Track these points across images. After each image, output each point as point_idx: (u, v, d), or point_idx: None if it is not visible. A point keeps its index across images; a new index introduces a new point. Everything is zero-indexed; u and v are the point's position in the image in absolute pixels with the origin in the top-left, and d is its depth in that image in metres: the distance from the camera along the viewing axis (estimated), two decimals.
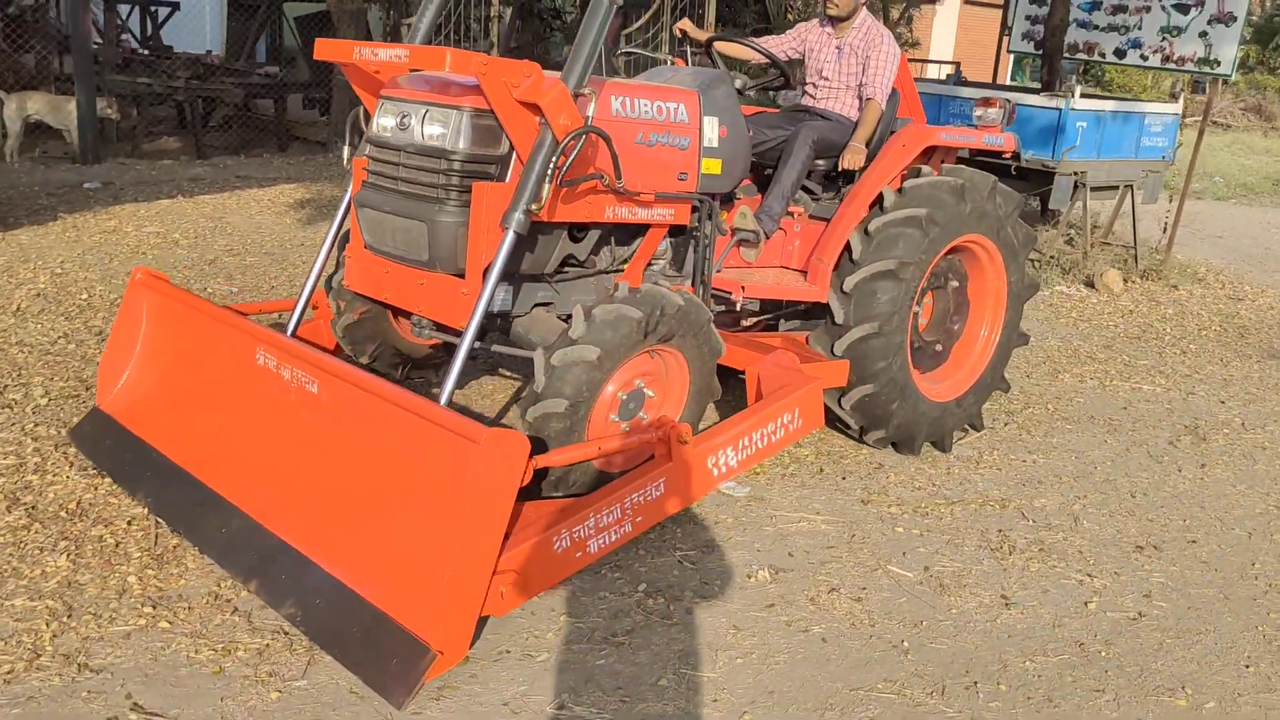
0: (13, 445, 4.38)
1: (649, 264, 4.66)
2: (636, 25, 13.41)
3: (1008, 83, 18.28)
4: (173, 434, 4.10)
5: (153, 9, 13.26)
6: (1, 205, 8.51)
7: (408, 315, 4.52)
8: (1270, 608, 4.03)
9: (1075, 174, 9.46)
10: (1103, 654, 3.60)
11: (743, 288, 4.69)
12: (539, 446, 3.62)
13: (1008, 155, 5.49)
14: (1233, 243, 12.67)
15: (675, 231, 4.63)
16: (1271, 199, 17.35)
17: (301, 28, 13.05)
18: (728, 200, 4.93)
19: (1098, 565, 4.24)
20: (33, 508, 3.91)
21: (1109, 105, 9.78)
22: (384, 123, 4.10)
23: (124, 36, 12.71)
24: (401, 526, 3.21)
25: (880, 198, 4.88)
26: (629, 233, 4.53)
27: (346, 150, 4.51)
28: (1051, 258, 9.80)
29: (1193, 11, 10.28)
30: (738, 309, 4.83)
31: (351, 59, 4.04)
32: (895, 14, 13.40)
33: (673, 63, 6.18)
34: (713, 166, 4.52)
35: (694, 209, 4.50)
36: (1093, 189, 9.69)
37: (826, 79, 5.35)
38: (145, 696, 2.95)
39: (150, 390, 4.33)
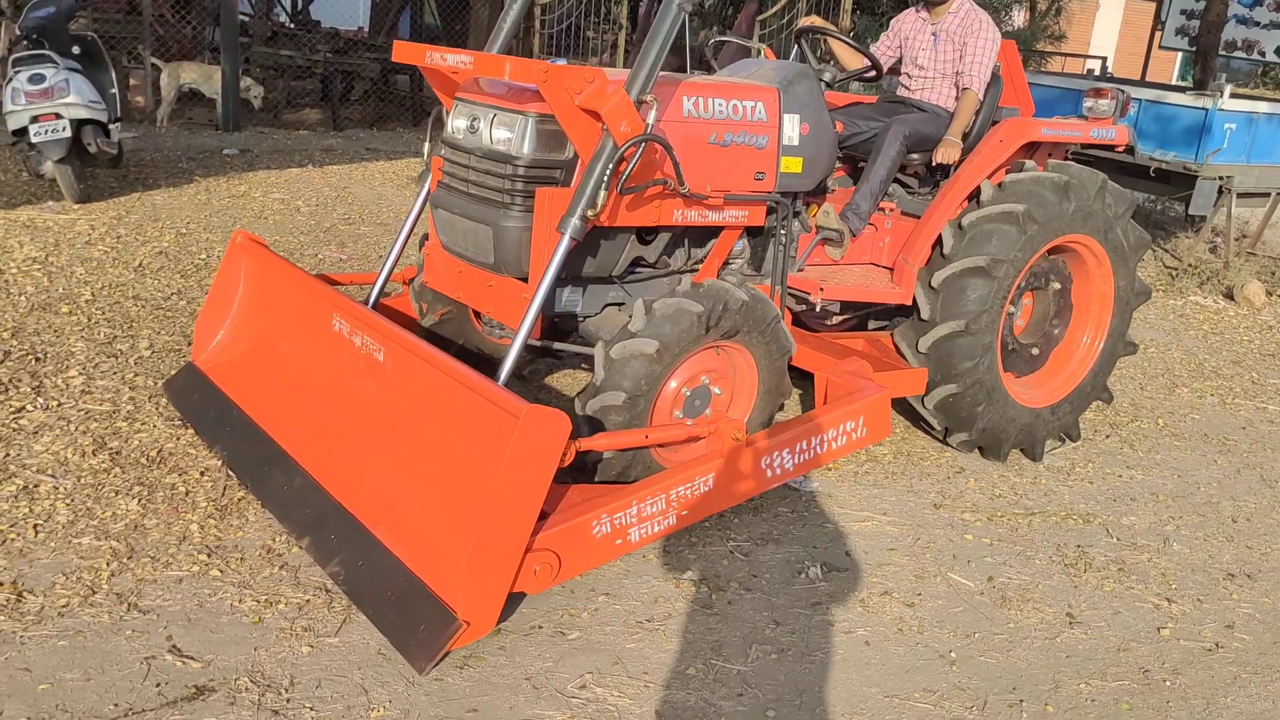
0: (110, 393, 4.60)
1: (726, 263, 4.58)
2: (772, 10, 13.26)
3: (1171, 81, 17.42)
4: (254, 392, 4.24)
5: None
6: (145, 167, 8.94)
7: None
8: None
9: (1220, 178, 8.94)
10: (1168, 683, 3.40)
11: (821, 288, 4.57)
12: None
13: (1120, 149, 5.21)
14: None
15: (755, 230, 4.55)
16: None
17: (441, 6, 13.31)
18: (818, 194, 4.82)
19: (1180, 590, 4.00)
20: (117, 452, 4.09)
21: (1263, 107, 9.20)
22: (457, 124, 4.15)
23: (275, 10, 13.17)
24: (444, 496, 3.24)
25: (977, 192, 4.70)
26: (704, 233, 4.46)
27: (427, 147, 4.59)
28: (1190, 266, 9.30)
29: None
30: (817, 310, 4.71)
31: (423, 62, 4.11)
32: (1043, 5, 12.89)
33: (763, 54, 6.07)
34: (793, 165, 4.41)
35: (770, 209, 4.41)
36: (1240, 195, 9.15)
37: (921, 67, 5.15)
38: (184, 639, 3.05)
39: (241, 350, 4.49)
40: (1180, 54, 24.22)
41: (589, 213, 3.68)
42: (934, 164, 4.87)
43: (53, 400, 4.45)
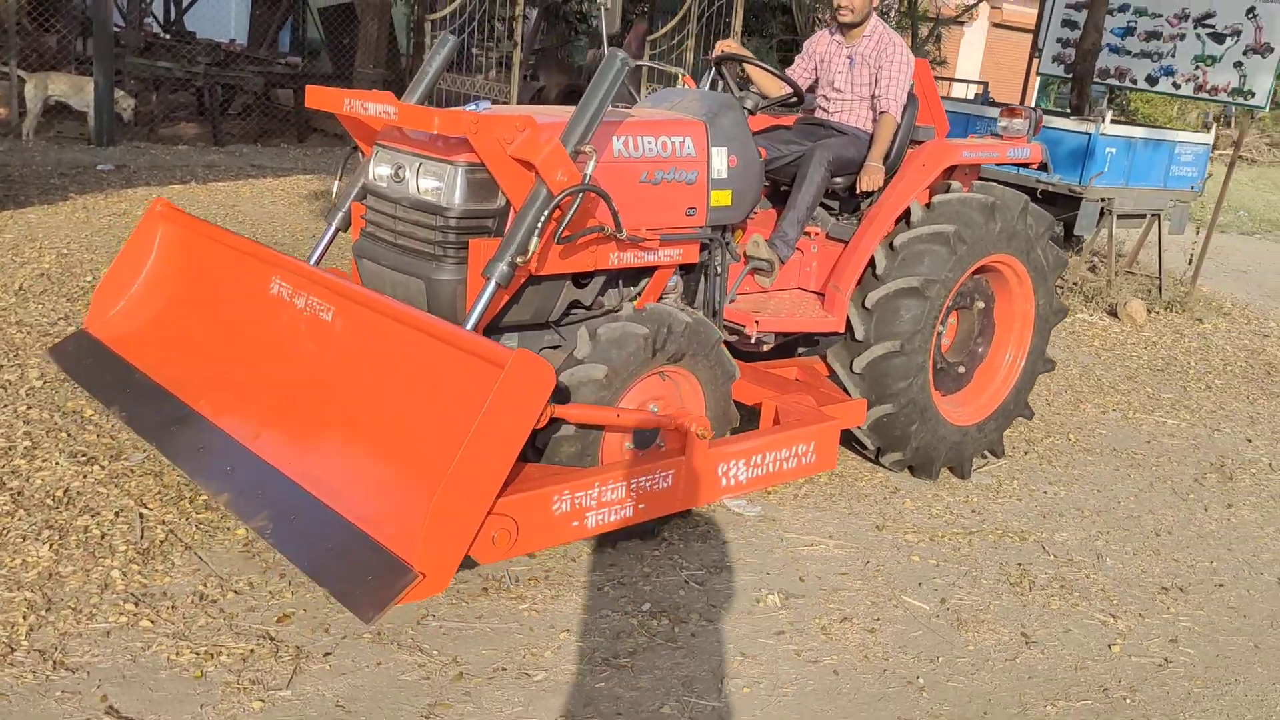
0: (3, 428, 4.25)
1: (659, 299, 4.50)
2: (662, 32, 13.29)
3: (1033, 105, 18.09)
4: (160, 358, 4.01)
5: None
6: (14, 183, 8.39)
7: None
8: None
9: (1102, 200, 9.30)
10: (1128, 701, 3.43)
11: (756, 321, 4.52)
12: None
13: (1035, 166, 5.32)
14: (1258, 278, 12.47)
15: (688, 265, 4.48)
16: None
17: (326, 20, 12.95)
18: (743, 222, 4.78)
19: (1121, 606, 4.07)
20: (19, 493, 3.77)
21: (1140, 132, 9.61)
22: (379, 172, 4.00)
23: (147, 20, 12.61)
24: (396, 448, 3.09)
25: (906, 213, 4.72)
26: (636, 272, 4.38)
27: (336, 185, 4.45)
28: (1074, 284, 9.63)
29: (1228, 41, 10.12)
30: (752, 341, 4.66)
31: (341, 110, 3.95)
32: (925, 31, 13.25)
33: (683, 81, 6.03)
34: (723, 198, 4.37)
35: (704, 245, 4.35)
36: (1119, 216, 9.52)
37: (839, 90, 5.16)
38: (122, 699, 2.80)
39: (145, 318, 4.25)
40: (1038, 80, 25.36)
41: (518, 259, 3.58)
42: (858, 190, 4.87)
43: None
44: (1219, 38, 10.16)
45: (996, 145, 5.10)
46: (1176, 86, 10.55)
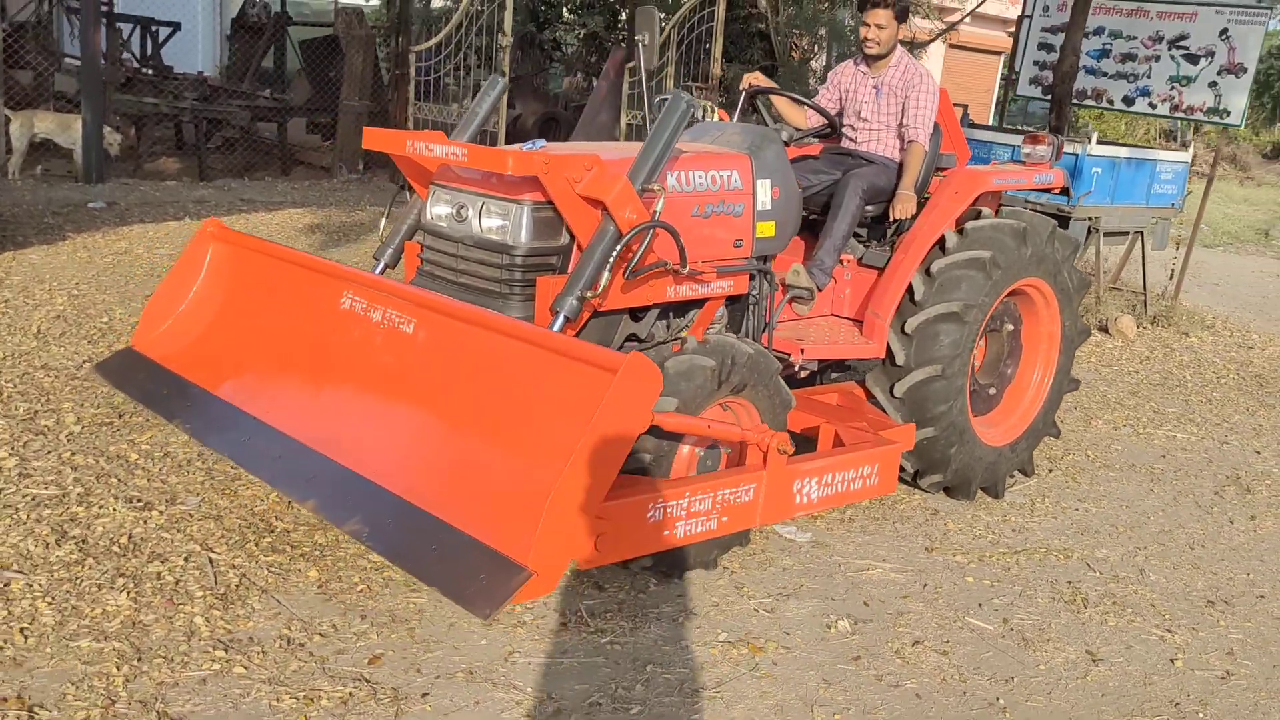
0: (52, 474, 4.20)
1: (705, 331, 4.56)
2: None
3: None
4: (218, 373, 4.04)
5: (153, 28, 13.10)
6: (8, 223, 8.29)
7: None
8: None
9: (1090, 219, 9.48)
10: (1200, 715, 3.51)
11: (802, 350, 4.60)
12: None
13: (1058, 190, 5.45)
14: (1230, 290, 12.77)
15: (734, 295, 4.55)
16: (1257, 247, 17.56)
17: (307, 52, 12.92)
18: None
19: (1174, 620, 4.15)
20: (83, 541, 3.73)
21: (1124, 152, 9.82)
22: (438, 211, 4.05)
23: (125, 56, 12.52)
24: (498, 453, 3.13)
25: (942, 240, 4.81)
26: (685, 304, 4.44)
27: (384, 222, 4.49)
28: None
29: (1202, 62, 10.37)
30: (795, 369, 4.72)
31: (403, 152, 4.00)
32: None
33: (715, 115, 6.11)
34: (767, 229, 4.46)
35: (752, 275, 4.42)
36: (1105, 234, 9.71)
37: (866, 120, 5.25)
38: None
39: (198, 336, 4.29)
40: (994, 100, 25.80)
41: (587, 294, 3.64)
42: (891, 219, 4.95)
43: None
44: (1193, 59, 10.41)
45: (1023, 172, 5.23)
46: (1153, 106, 10.79)
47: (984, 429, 5.11)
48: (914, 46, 14.14)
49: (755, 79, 5.24)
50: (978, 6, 14.39)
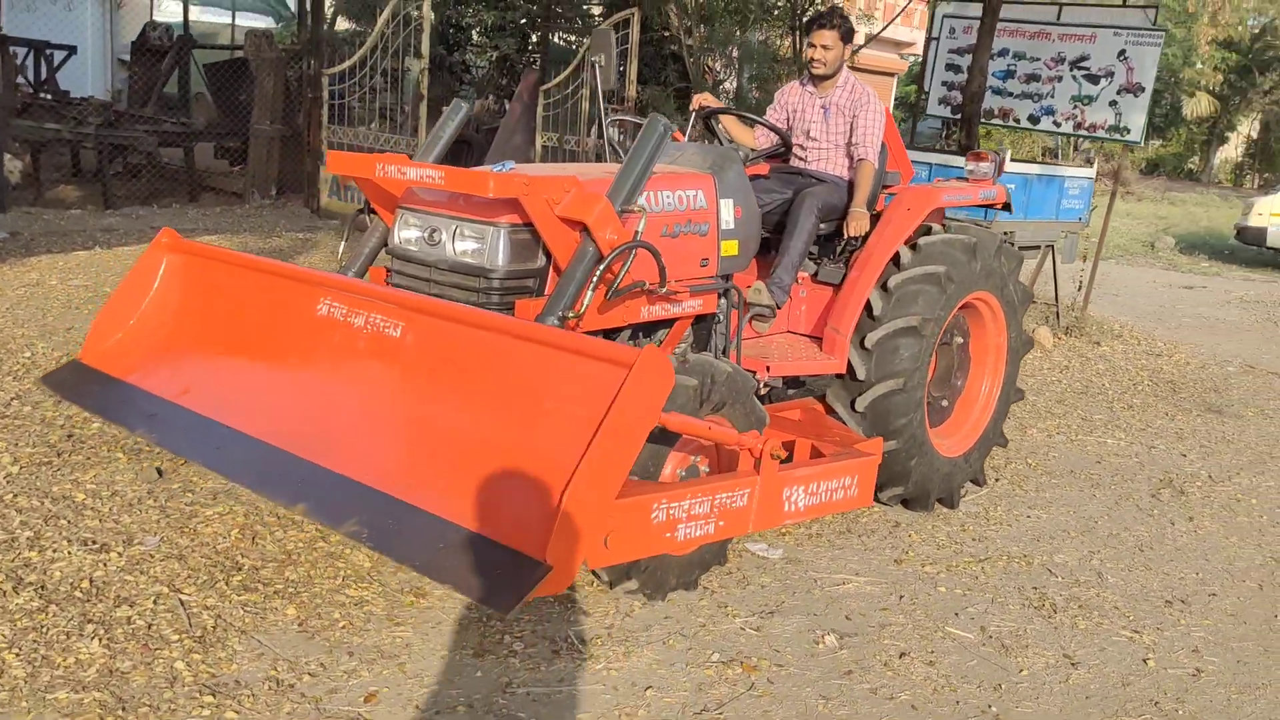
0: None
1: (673, 351, 4.56)
2: (555, 81, 13.41)
3: None
4: (186, 383, 3.95)
5: (48, 53, 12.62)
6: None
7: None
8: None
9: (1005, 234, 9.75)
10: (1180, 712, 3.61)
11: (767, 367, 4.63)
12: None
13: (1000, 206, 5.60)
14: (1129, 300, 13.27)
15: (699, 316, 4.56)
16: (1145, 258, 18.33)
17: (212, 75, 12.59)
18: None
19: (1138, 621, 4.27)
20: (41, 587, 3.54)
21: (1034, 169, 10.14)
22: (407, 235, 4.01)
23: (19, 80, 12.04)
24: (504, 452, 3.11)
25: (896, 256, 4.89)
26: (655, 324, 4.44)
27: (343, 246, 4.48)
28: None
29: (1102, 82, 10.78)
30: (760, 387, 4.74)
31: (373, 176, 3.94)
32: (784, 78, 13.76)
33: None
34: (731, 248, 4.51)
35: (721, 294, 4.45)
36: (1020, 249, 9.99)
37: (815, 140, 5.32)
38: None
39: (157, 347, 4.22)
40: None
41: (569, 314, 3.62)
42: (846, 236, 5.01)
43: None
44: (1094, 79, 10.82)
45: (969, 188, 5.35)
46: (1058, 125, 11.18)
47: (939, 441, 5.19)
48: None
49: (705, 99, 5.27)
50: (882, 31, 14.74)
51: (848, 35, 5.19)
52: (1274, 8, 44.09)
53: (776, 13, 13.27)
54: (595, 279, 3.65)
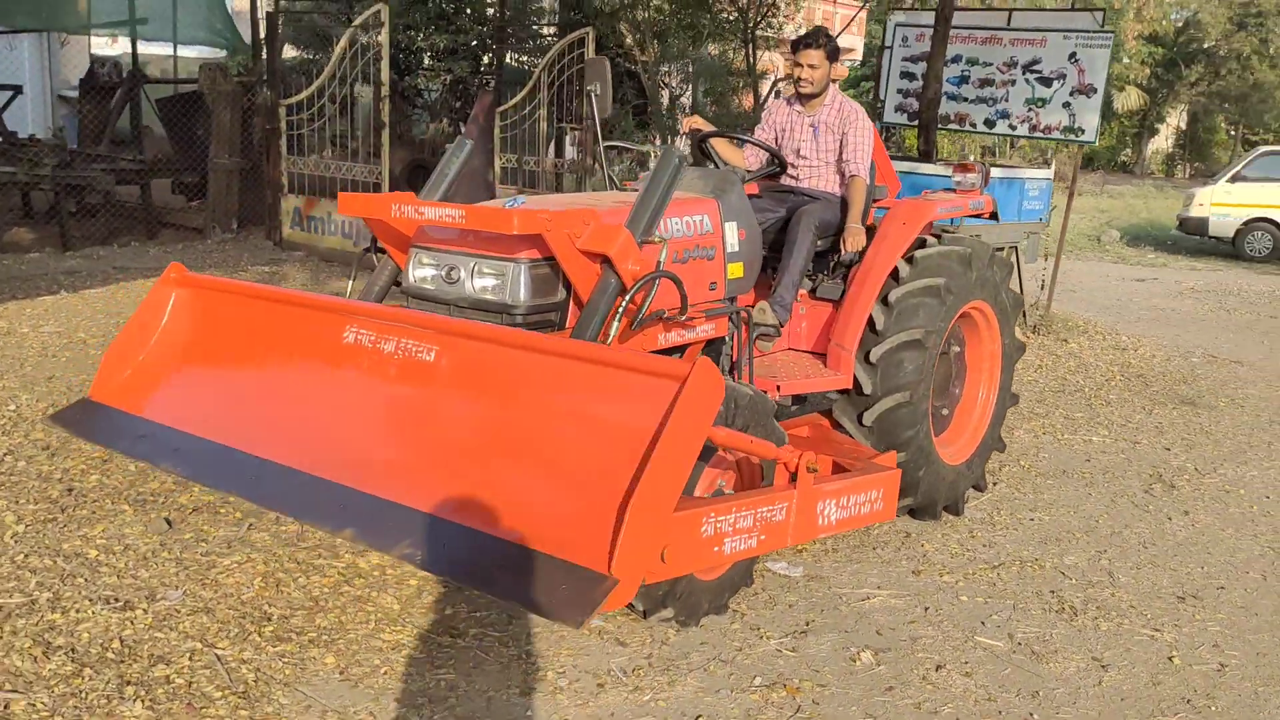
0: (11, 580, 3.90)
1: None
2: (511, 103, 13.39)
3: None
4: (209, 416, 3.94)
5: None
6: None
7: None
8: None
9: (972, 237, 9.89)
10: (1213, 709, 3.69)
11: (778, 387, 4.67)
12: None
13: (987, 216, 5.70)
14: (1086, 296, 13.53)
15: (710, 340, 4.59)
16: (1094, 253, 18.71)
17: (165, 110, 12.42)
18: None
19: (1156, 619, 4.35)
20: (72, 650, 3.47)
21: (997, 172, 10.31)
22: (422, 274, 4.02)
23: None
24: (558, 470, 3.14)
25: (895, 270, 4.96)
26: (669, 350, 4.46)
27: (350, 285, 4.53)
28: None
29: (1055, 84, 11.00)
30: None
31: (389, 217, 3.95)
32: (765, 88, 13.89)
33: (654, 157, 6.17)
34: (736, 270, 4.57)
35: (731, 317, 4.49)
36: None
37: (805, 158, 5.38)
38: None
39: (171, 381, 4.22)
40: None
41: None
42: (844, 251, 5.07)
43: None
44: (1046, 81, 11.03)
45: (959, 200, 5.44)
46: (1013, 128, 11.38)
47: (942, 449, 5.26)
48: (779, 80, 14.59)
49: (696, 123, 5.31)
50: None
51: (833, 54, 5.26)
52: (1195, 2, 45.36)
53: (729, 27, 13.37)
54: (620, 310, 3.67)
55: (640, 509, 2.85)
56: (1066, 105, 10.97)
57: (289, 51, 16.78)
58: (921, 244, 5.13)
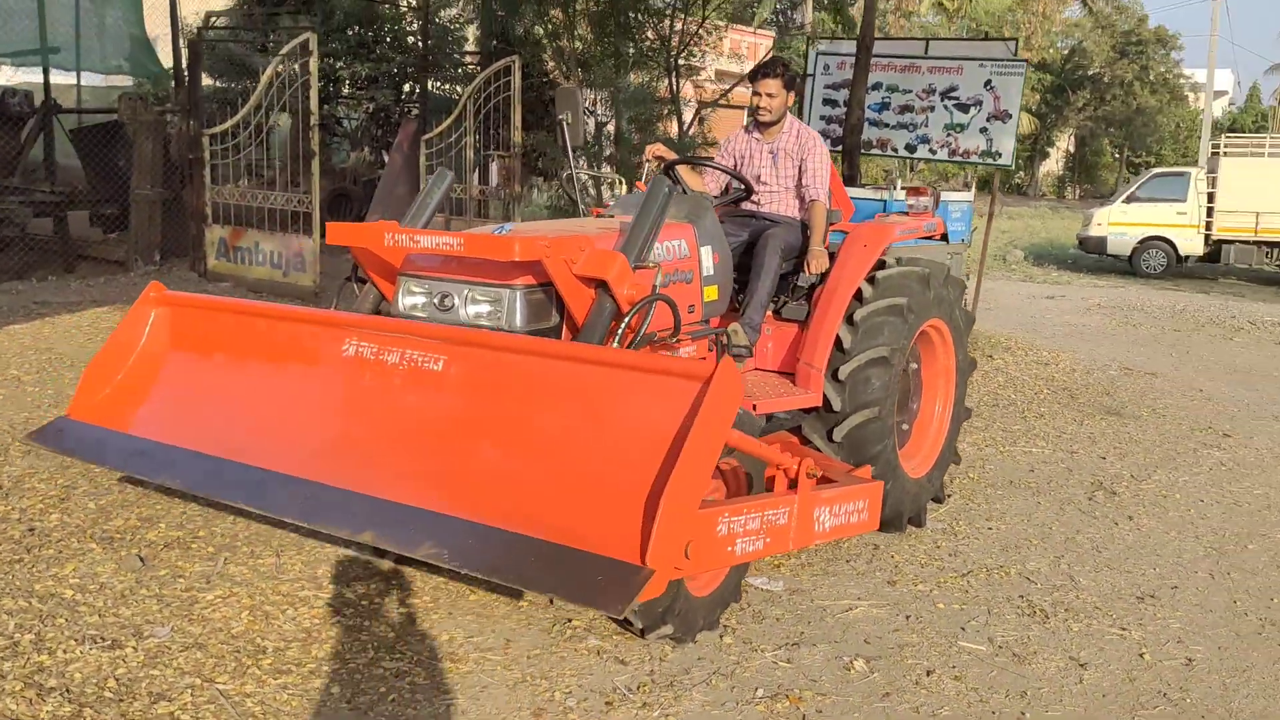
0: None
1: None
2: (437, 131, 13.36)
3: None
4: (202, 430, 3.97)
5: None
6: None
7: None
8: (1276, 640, 4.45)
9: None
10: (1188, 700, 3.87)
11: (754, 406, 4.77)
12: None
13: (938, 237, 5.91)
14: (1002, 313, 13.99)
15: None
16: (1001, 272, 19.33)
17: (80, 140, 12.11)
18: None
19: (1122, 619, 4.54)
20: (66, 691, 3.39)
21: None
22: (412, 302, 4.07)
23: None
24: (584, 469, 3.25)
25: (859, 290, 5.11)
26: None
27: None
28: None
29: (972, 110, 11.39)
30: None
31: (383, 245, 3.98)
32: (689, 115, 14.11)
33: (633, 187, 6.27)
34: (712, 293, 4.69)
35: (713, 339, 4.59)
36: None
37: (765, 183, 5.52)
38: None
39: (153, 398, 4.28)
40: None
41: None
42: (809, 273, 5.20)
43: None
44: (964, 107, 11.42)
45: (913, 222, 5.63)
46: (933, 152, 11.74)
47: (904, 462, 5.42)
48: (702, 107, 14.83)
49: (659, 150, 5.41)
50: (753, 71, 15.19)
51: (790, 83, 5.41)
52: (1079, 31, 47.30)
53: (652, 55, 13.56)
54: (619, 333, 3.74)
55: (672, 503, 2.95)
56: (984, 130, 11.36)
57: (205, 80, 16.51)
58: (881, 265, 5.30)
